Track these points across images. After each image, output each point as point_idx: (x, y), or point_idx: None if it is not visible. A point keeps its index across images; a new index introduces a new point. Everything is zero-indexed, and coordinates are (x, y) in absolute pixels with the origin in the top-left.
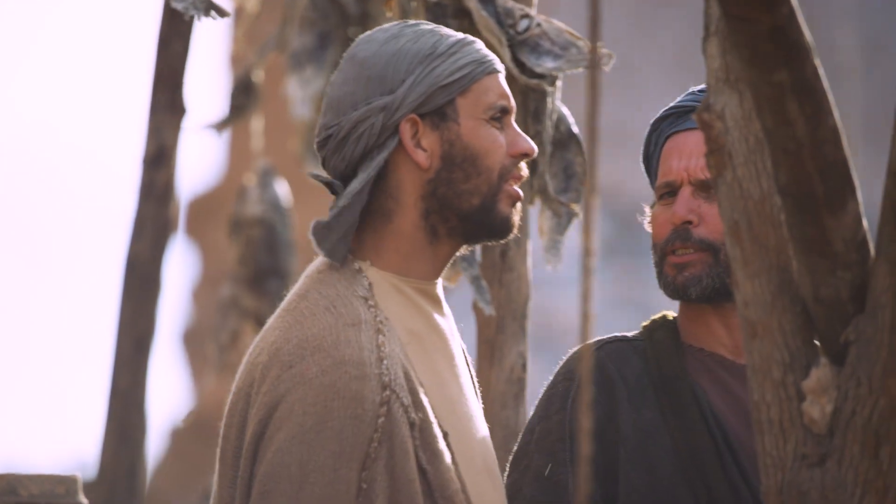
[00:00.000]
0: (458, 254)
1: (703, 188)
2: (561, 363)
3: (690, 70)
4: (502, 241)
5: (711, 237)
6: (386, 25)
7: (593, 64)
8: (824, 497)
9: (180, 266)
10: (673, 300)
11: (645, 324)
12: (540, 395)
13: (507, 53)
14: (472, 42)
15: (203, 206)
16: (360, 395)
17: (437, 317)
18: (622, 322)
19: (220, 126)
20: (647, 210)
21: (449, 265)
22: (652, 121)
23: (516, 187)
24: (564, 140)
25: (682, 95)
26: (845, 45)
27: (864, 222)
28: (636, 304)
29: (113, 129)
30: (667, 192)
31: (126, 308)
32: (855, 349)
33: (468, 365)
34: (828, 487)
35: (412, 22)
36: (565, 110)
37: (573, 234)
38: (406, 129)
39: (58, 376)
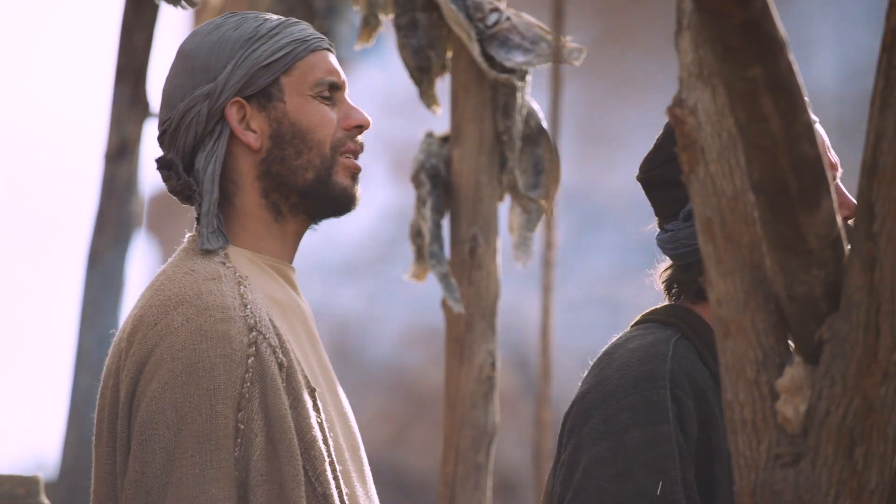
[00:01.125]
0: (309, 231)
1: None
2: (620, 366)
3: (661, 68)
4: (347, 214)
5: None
6: (213, 19)
7: (556, 58)
8: (798, 497)
9: (141, 262)
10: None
11: (660, 317)
12: (612, 394)
13: (476, 48)
14: (297, 23)
15: (165, 201)
16: (228, 335)
17: (295, 296)
18: (590, 320)
19: None
20: None
21: (415, 262)
22: None
23: (354, 160)
24: (534, 136)
25: None
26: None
27: (838, 219)
28: (606, 302)
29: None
30: None
31: (88, 305)
32: (829, 348)
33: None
34: (802, 488)
35: (238, 13)
36: (535, 105)
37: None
38: (232, 113)
39: (17, 374)
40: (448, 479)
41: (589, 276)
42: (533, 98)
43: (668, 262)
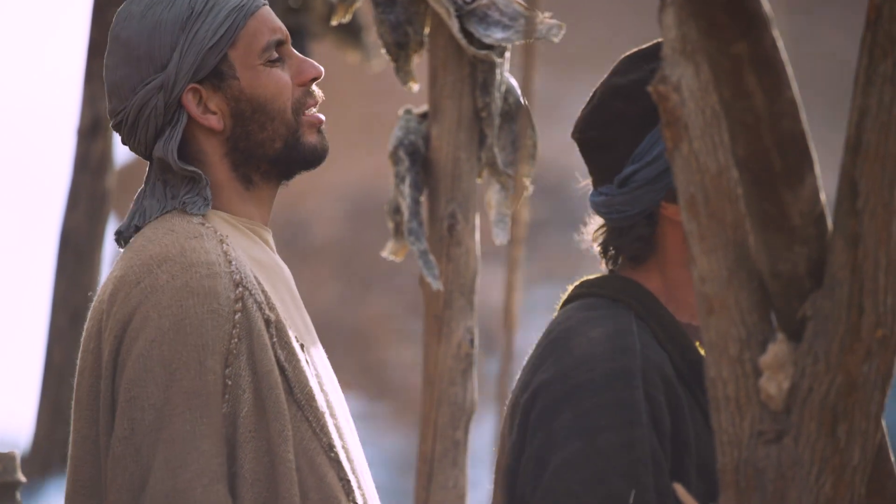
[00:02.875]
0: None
1: None
2: (593, 359)
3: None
4: (318, 166)
5: None
6: None
7: (528, 34)
8: (781, 474)
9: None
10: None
11: (600, 290)
12: (582, 392)
13: (455, 24)
14: None
15: (129, 176)
16: (214, 290)
17: (275, 257)
18: (550, 297)
19: None
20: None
21: (393, 239)
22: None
23: (316, 112)
24: (513, 112)
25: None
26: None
27: (822, 196)
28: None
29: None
30: None
31: (60, 281)
32: (812, 325)
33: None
34: (784, 465)
35: None
36: (514, 82)
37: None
38: (190, 100)
39: None
40: (426, 456)
41: (554, 254)
42: (511, 75)
43: (598, 221)
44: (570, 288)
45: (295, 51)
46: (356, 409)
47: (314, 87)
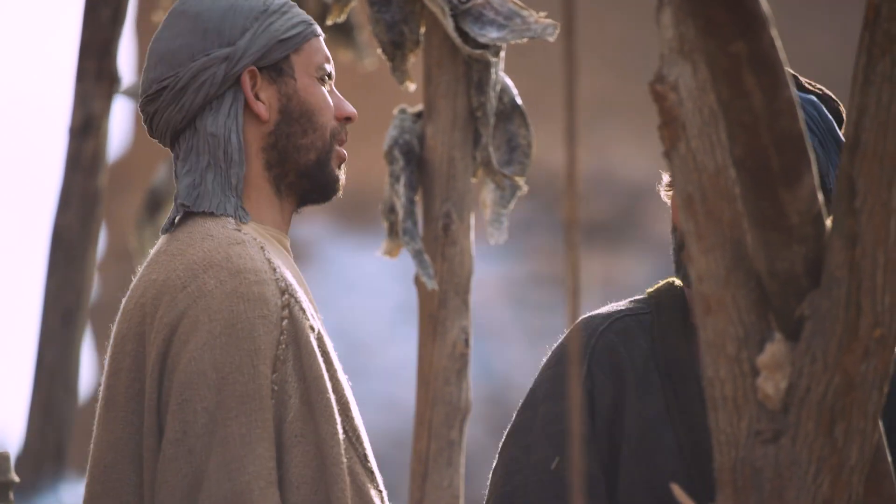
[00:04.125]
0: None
1: None
2: (563, 338)
3: (606, 43)
4: (327, 202)
5: None
6: None
7: (568, 34)
8: (778, 474)
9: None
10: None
11: (650, 291)
12: (544, 366)
13: (450, 23)
14: (295, 5)
15: (114, 175)
16: (264, 296)
17: (297, 269)
18: (539, 298)
19: (131, 93)
20: (663, 192)
21: (388, 239)
22: None
23: (343, 150)
24: (508, 112)
25: None
26: None
27: (820, 196)
28: (555, 281)
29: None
30: None
31: (52, 281)
32: (810, 325)
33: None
34: (782, 464)
35: None
36: (509, 81)
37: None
38: (246, 81)
39: None
40: (421, 455)
41: (537, 254)
42: (505, 74)
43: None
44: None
45: (336, 92)
46: None
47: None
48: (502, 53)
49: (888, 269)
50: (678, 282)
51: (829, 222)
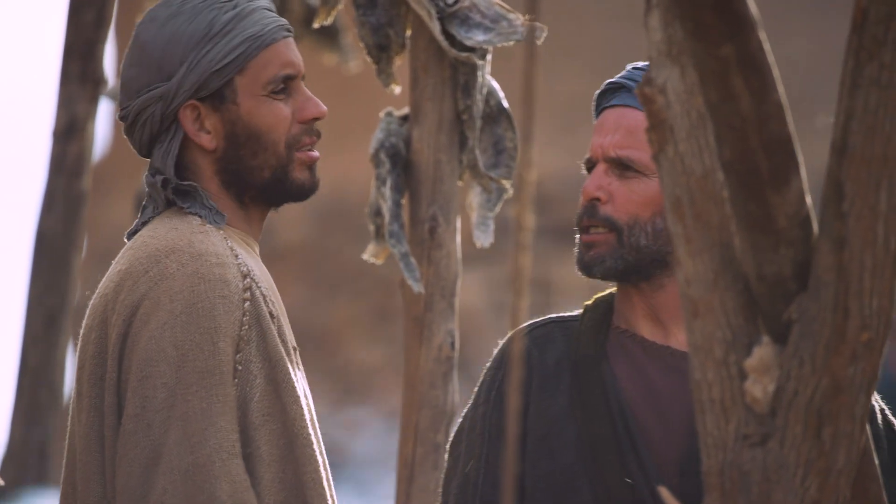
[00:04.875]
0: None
1: (618, 166)
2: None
3: (590, 46)
4: (307, 199)
5: (617, 216)
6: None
7: (530, 37)
8: (766, 477)
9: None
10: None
11: (587, 302)
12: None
13: (436, 26)
14: (253, 12)
15: (98, 177)
16: (225, 278)
17: (266, 270)
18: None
19: (114, 95)
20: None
21: (374, 242)
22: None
23: (311, 151)
24: (495, 115)
25: (624, 71)
26: None
27: (808, 199)
28: (536, 283)
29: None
30: (589, 168)
31: (36, 284)
32: (798, 328)
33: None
34: (770, 468)
35: None
36: (495, 84)
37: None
38: (187, 116)
39: None
40: (407, 459)
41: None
42: (492, 77)
43: None
44: None
45: (305, 88)
46: (323, 411)
47: (315, 126)
48: (489, 56)
49: (876, 272)
50: (615, 289)
51: (816, 225)
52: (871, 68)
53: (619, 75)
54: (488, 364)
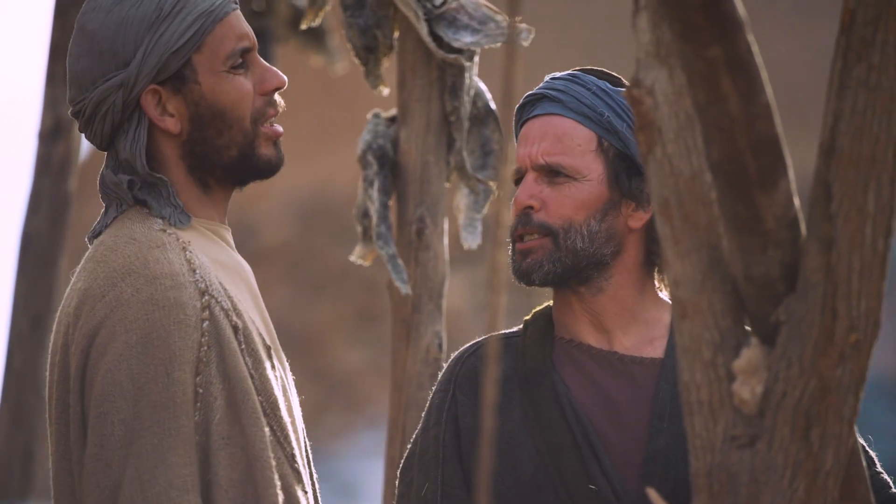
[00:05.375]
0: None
1: (547, 173)
2: (442, 371)
3: (571, 51)
4: (272, 177)
5: (551, 221)
6: None
7: (511, 38)
8: (754, 479)
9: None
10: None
11: (526, 318)
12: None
13: (424, 28)
14: None
15: (85, 176)
16: (180, 301)
17: (235, 255)
18: (504, 302)
19: None
20: None
21: (361, 244)
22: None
23: (275, 125)
24: (482, 116)
25: (549, 81)
26: None
27: (796, 200)
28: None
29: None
30: (517, 180)
31: (21, 286)
32: (786, 329)
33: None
34: (758, 469)
35: None
36: (482, 86)
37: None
38: (149, 101)
39: None
40: (394, 460)
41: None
42: (479, 78)
43: None
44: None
45: (261, 59)
46: (305, 413)
47: (276, 96)
48: (476, 58)
49: (864, 273)
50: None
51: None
52: (860, 69)
53: (538, 87)
54: (434, 388)
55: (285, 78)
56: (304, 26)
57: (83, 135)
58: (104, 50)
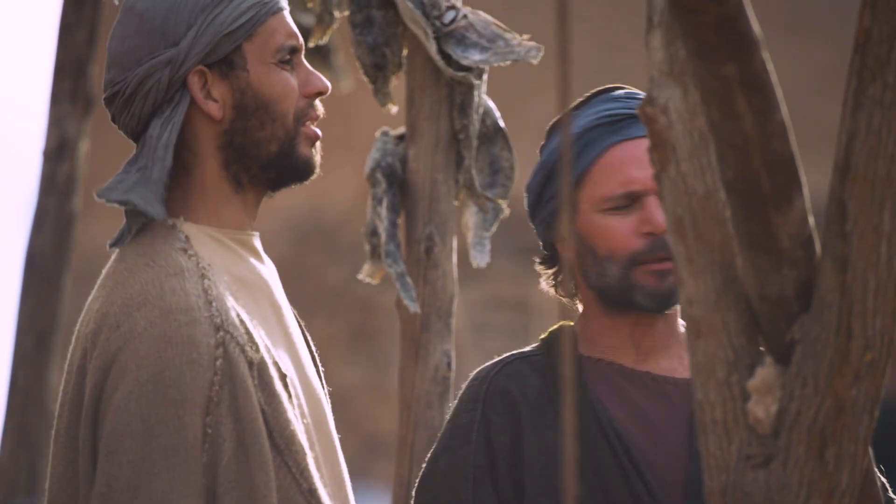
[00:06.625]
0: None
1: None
2: (462, 389)
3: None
4: (305, 182)
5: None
6: None
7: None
8: (769, 499)
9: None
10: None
11: (543, 336)
12: (445, 423)
13: (432, 45)
14: None
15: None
16: (194, 339)
17: (259, 266)
18: (501, 321)
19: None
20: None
21: (370, 262)
22: (578, 129)
23: (314, 127)
24: (491, 134)
25: (610, 102)
26: None
27: (811, 219)
28: (515, 305)
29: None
30: (624, 204)
31: (26, 304)
32: (800, 348)
33: (299, 322)
34: (772, 489)
35: None
36: (491, 104)
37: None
38: (195, 82)
39: None
40: (403, 479)
41: (498, 277)
42: (488, 97)
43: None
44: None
45: (306, 63)
46: None
47: (317, 101)
48: (485, 76)
49: (879, 292)
50: (569, 324)
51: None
52: (875, 88)
53: (621, 106)
54: (456, 406)
55: (329, 84)
56: (311, 44)
57: (116, 122)
58: (153, 29)
